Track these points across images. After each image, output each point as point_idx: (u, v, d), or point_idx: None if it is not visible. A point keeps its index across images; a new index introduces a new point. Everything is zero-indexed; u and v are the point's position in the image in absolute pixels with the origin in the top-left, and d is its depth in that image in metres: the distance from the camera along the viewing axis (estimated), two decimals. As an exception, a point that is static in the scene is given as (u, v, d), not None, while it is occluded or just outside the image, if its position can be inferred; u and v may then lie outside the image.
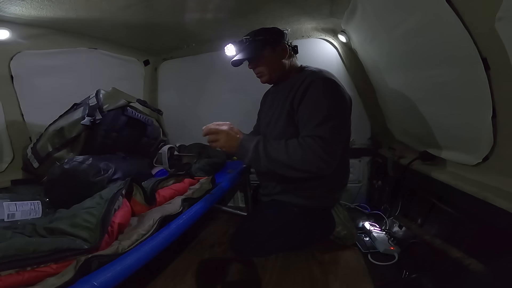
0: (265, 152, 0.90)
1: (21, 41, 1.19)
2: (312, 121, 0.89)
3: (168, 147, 1.57)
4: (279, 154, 0.89)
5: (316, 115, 0.89)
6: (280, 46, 1.04)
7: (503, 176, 0.74)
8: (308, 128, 0.90)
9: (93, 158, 1.03)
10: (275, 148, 0.91)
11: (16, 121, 1.26)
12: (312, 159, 0.86)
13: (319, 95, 0.91)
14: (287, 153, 0.88)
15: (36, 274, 0.52)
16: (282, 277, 0.99)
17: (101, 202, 0.72)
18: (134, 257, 0.62)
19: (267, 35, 1.04)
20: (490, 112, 0.69)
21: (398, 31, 0.92)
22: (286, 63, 1.07)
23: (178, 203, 0.91)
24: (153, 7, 1.15)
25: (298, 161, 0.87)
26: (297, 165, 0.88)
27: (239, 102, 1.91)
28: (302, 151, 0.87)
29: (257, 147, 0.91)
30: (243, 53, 1.07)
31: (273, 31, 1.06)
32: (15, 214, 0.83)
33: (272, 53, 1.04)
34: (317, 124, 0.88)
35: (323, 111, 0.89)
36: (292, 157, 0.88)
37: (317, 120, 0.88)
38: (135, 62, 1.90)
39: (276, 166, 0.90)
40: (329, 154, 0.86)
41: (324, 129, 0.87)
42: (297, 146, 0.88)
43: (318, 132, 0.87)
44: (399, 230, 1.19)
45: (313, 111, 0.90)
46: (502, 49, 0.58)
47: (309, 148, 0.86)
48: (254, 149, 0.91)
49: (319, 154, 0.85)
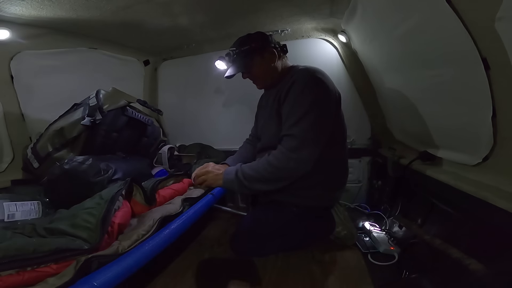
0: (244, 176, 0.94)
1: (21, 41, 1.19)
2: (289, 119, 0.91)
3: (168, 147, 1.57)
4: (252, 174, 0.93)
5: (293, 112, 0.90)
6: (267, 51, 1.04)
7: (503, 176, 0.74)
8: (284, 128, 0.93)
9: (93, 158, 1.03)
10: (250, 169, 0.95)
11: (16, 121, 1.26)
12: (277, 165, 0.90)
13: (299, 92, 0.91)
14: (257, 170, 0.93)
15: (36, 274, 0.52)
16: (282, 277, 0.99)
17: (101, 202, 0.72)
18: (134, 257, 0.62)
19: (253, 43, 1.04)
20: (490, 112, 0.69)
21: (398, 31, 0.92)
22: (278, 65, 1.06)
23: (178, 203, 0.91)
24: (153, 7, 1.15)
25: (267, 173, 0.91)
26: (269, 177, 0.92)
27: (239, 102, 1.92)
28: (266, 163, 0.91)
29: (237, 174, 0.95)
30: (233, 67, 1.08)
31: (258, 37, 1.06)
32: (15, 214, 0.84)
33: (261, 60, 1.04)
34: (292, 123, 0.89)
35: (302, 108, 0.89)
36: (262, 172, 0.92)
37: (293, 118, 0.89)
38: (135, 62, 1.90)
39: (257, 185, 0.94)
40: (297, 151, 0.88)
41: (297, 127, 0.88)
42: (263, 159, 0.93)
43: (290, 131, 0.89)
44: (399, 230, 1.19)
45: (292, 109, 0.91)
46: (502, 49, 0.58)
47: (272, 156, 0.91)
48: (236, 178, 0.95)
49: (283, 156, 0.89)
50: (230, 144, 1.94)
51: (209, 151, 1.80)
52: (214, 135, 1.99)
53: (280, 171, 0.91)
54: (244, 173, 0.95)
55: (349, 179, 1.20)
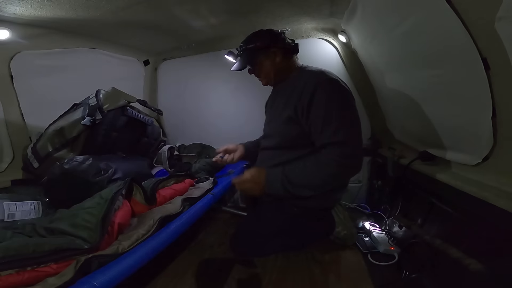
0: (290, 182, 0.93)
1: (21, 41, 1.19)
2: (328, 126, 0.89)
3: (168, 147, 1.57)
4: (301, 180, 0.93)
5: (329, 120, 0.89)
6: (271, 50, 1.05)
7: (503, 176, 0.74)
8: (325, 135, 0.91)
9: (93, 158, 1.03)
10: (296, 175, 0.94)
11: (16, 121, 1.26)
12: (333, 172, 0.90)
13: (327, 98, 0.91)
14: (307, 177, 0.93)
15: (36, 274, 0.52)
16: (282, 277, 0.99)
17: (101, 202, 0.72)
18: (134, 257, 0.62)
19: (258, 42, 1.06)
20: (490, 112, 0.69)
21: (398, 31, 0.92)
22: (283, 64, 1.07)
23: (179, 203, 0.91)
24: (153, 7, 1.15)
25: (322, 181, 0.92)
26: (321, 184, 0.93)
27: (239, 102, 1.92)
28: (318, 171, 0.91)
29: (282, 181, 0.94)
30: (239, 62, 1.12)
31: (264, 36, 1.07)
32: (15, 214, 0.84)
33: (265, 58, 1.06)
34: (334, 130, 0.89)
35: (336, 114, 0.89)
36: (312, 179, 0.92)
37: (333, 125, 0.89)
38: (135, 62, 1.90)
39: (307, 190, 0.94)
40: (347, 156, 0.88)
41: (340, 133, 0.88)
42: (314, 167, 0.92)
43: (335, 138, 0.89)
44: (399, 230, 1.19)
45: (326, 117, 0.90)
46: (502, 49, 0.58)
47: (325, 164, 0.90)
48: (281, 183, 0.94)
49: (338, 165, 0.88)
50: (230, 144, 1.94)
51: (209, 151, 1.80)
52: (214, 135, 1.99)
53: (332, 178, 0.92)
54: (290, 179, 0.94)
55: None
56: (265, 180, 0.97)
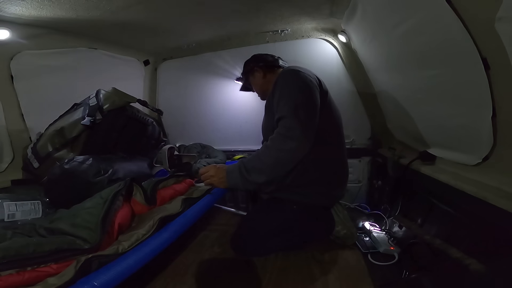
0: (246, 168, 0.95)
1: (21, 41, 1.19)
2: (278, 106, 0.96)
3: (168, 147, 1.56)
4: (253, 164, 0.95)
5: (280, 99, 0.96)
6: (255, 71, 1.26)
7: (503, 176, 0.74)
8: (276, 116, 0.97)
9: (93, 158, 1.03)
10: (250, 160, 0.97)
11: (16, 121, 1.26)
12: (275, 146, 0.92)
13: (283, 83, 0.99)
14: (258, 157, 0.95)
15: (36, 274, 0.52)
16: (282, 277, 0.99)
17: (101, 202, 0.72)
18: (134, 257, 0.62)
19: (246, 67, 1.31)
20: (490, 112, 0.69)
21: (398, 31, 0.92)
22: (268, 77, 1.23)
23: (178, 203, 0.91)
24: (153, 7, 1.15)
25: (267, 157, 0.93)
26: (269, 162, 0.93)
27: (239, 102, 1.92)
28: (264, 147, 0.95)
29: (239, 168, 0.96)
30: (242, 86, 1.46)
31: (249, 61, 1.29)
32: (15, 214, 0.84)
33: (253, 79, 1.29)
34: (281, 106, 0.94)
35: (287, 93, 0.96)
36: (262, 158, 0.94)
37: (281, 102, 0.95)
38: (135, 62, 1.90)
39: (259, 176, 0.94)
40: (288, 128, 0.90)
41: (286, 107, 0.93)
42: (262, 146, 0.97)
43: (280, 114, 0.93)
44: (399, 230, 1.19)
45: (280, 98, 0.97)
46: (502, 49, 0.58)
47: (269, 140, 0.94)
48: (239, 174, 0.95)
49: (280, 137, 0.91)
50: (230, 144, 1.94)
51: (209, 151, 1.80)
52: (214, 135, 1.99)
53: (279, 152, 0.92)
54: (246, 165, 0.95)
55: (349, 179, 1.20)
56: (226, 171, 1.00)
